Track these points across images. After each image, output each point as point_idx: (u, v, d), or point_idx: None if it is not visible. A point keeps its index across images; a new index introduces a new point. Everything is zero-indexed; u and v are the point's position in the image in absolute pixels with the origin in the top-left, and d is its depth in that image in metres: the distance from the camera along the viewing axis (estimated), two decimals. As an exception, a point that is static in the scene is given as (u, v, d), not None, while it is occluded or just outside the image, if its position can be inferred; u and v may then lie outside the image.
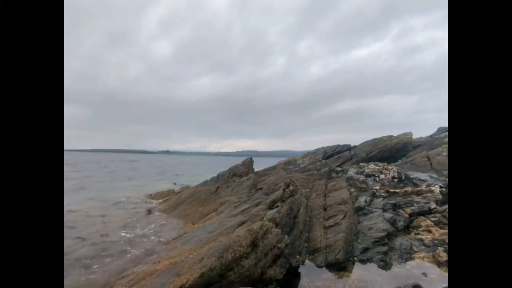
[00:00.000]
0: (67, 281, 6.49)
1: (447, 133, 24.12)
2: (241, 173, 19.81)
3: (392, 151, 22.33)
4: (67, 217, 12.53)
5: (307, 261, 7.01)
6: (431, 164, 16.77)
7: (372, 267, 6.77)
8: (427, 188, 11.51)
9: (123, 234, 10.50)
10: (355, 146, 25.81)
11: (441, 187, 11.45)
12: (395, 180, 14.20)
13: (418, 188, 11.65)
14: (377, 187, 12.84)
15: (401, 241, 7.99)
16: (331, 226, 8.27)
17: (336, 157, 24.62)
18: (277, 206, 7.89)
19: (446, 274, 6.25)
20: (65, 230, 10.31)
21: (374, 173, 15.15)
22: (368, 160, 20.81)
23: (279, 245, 6.18)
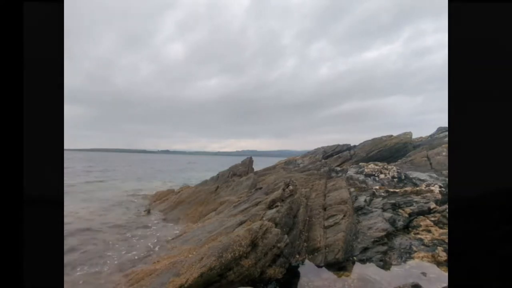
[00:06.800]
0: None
1: (447, 133, 24.15)
2: (241, 172, 19.81)
3: (392, 151, 22.35)
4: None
5: (306, 261, 7.02)
6: (430, 164, 16.79)
7: (371, 267, 6.78)
8: (427, 187, 11.53)
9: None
10: (354, 146, 25.82)
11: (440, 186, 11.47)
12: (395, 179, 14.22)
13: (418, 188, 11.66)
14: (377, 187, 12.85)
15: (400, 240, 8.01)
16: (331, 226, 8.28)
17: (336, 156, 24.64)
18: (276, 206, 7.89)
19: (446, 274, 6.27)
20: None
21: (373, 173, 15.16)
22: (367, 159, 20.83)
23: (278, 244, 6.18)
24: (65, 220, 11.83)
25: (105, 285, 6.23)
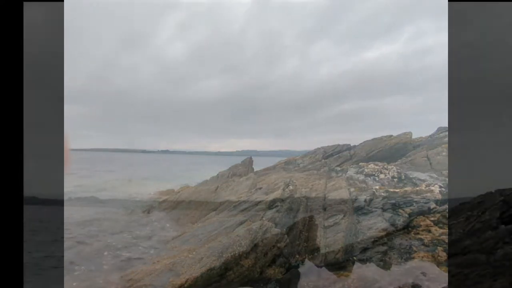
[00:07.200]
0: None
1: (447, 133, 24.14)
2: (241, 172, 19.82)
3: (392, 151, 22.33)
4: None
5: (306, 261, 7.02)
6: (430, 163, 16.77)
7: (371, 267, 6.78)
8: (427, 187, 11.52)
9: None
10: (354, 146, 25.78)
11: (440, 186, 11.45)
12: (395, 179, 14.21)
13: (418, 188, 11.65)
14: (377, 187, 12.84)
15: (400, 240, 8.00)
16: (331, 226, 8.27)
17: (336, 156, 24.60)
18: (276, 206, 7.90)
19: (446, 274, 6.27)
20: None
21: (373, 173, 15.16)
22: (367, 159, 20.80)
23: (278, 244, 6.19)
24: (65, 219, 11.83)
25: (103, 285, 6.23)
